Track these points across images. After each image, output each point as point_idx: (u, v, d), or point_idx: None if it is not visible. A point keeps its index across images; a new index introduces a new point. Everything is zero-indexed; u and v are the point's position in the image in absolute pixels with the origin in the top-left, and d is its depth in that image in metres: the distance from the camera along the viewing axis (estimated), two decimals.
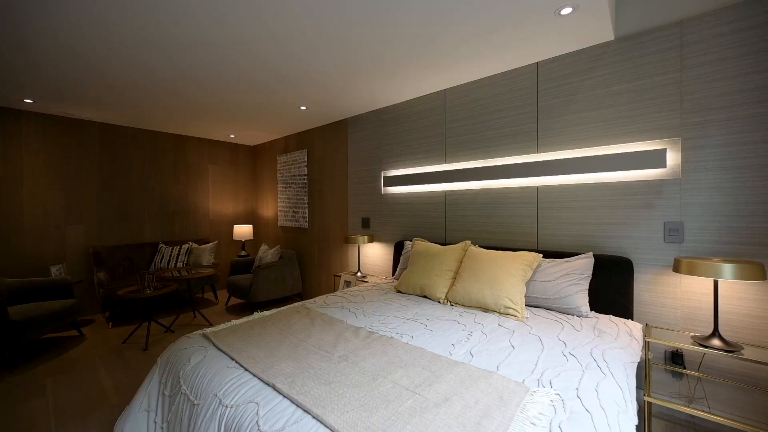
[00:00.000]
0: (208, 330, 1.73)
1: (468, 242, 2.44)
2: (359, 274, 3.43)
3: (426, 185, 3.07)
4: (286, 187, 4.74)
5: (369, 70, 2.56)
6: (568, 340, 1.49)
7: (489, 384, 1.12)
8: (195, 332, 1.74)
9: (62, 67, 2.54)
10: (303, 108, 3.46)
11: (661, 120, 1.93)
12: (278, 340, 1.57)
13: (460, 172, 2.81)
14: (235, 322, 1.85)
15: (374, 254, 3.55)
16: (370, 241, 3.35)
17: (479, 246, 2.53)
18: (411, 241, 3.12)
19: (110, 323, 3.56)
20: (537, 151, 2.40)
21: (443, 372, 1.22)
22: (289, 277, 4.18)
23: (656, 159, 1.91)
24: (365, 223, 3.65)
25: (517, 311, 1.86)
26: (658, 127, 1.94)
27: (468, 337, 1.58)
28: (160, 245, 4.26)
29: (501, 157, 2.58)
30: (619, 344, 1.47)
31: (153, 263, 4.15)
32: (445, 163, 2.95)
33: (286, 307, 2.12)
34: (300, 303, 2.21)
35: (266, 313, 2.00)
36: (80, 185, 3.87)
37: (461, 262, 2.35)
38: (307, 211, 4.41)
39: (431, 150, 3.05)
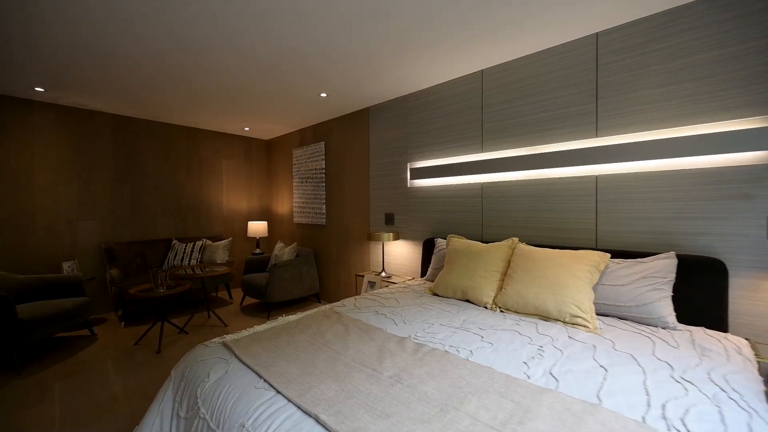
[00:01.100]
0: (229, 338, 1.49)
1: (515, 239, 2.16)
2: (383, 274, 3.18)
3: (459, 177, 2.79)
4: (302, 182, 4.51)
5: (397, 51, 2.30)
6: (671, 360, 1.20)
7: (601, 423, 0.85)
8: (213, 340, 1.51)
9: (72, 53, 2.42)
10: (323, 95, 3.22)
11: (757, 94, 1.62)
12: (311, 353, 1.32)
13: (500, 162, 2.53)
14: (258, 328, 1.62)
15: (399, 253, 3.29)
16: (396, 238, 3.09)
17: (526, 244, 2.24)
18: (442, 238, 2.85)
19: (122, 322, 3.39)
20: (596, 135, 2.10)
21: (529, 402, 0.95)
22: (306, 276, 3.95)
23: (757, 139, 1.59)
24: (389, 220, 3.39)
25: (587, 321, 1.58)
26: (752, 103, 1.63)
27: (539, 353, 1.30)
28: (174, 242, 4.09)
29: (551, 143, 2.29)
30: (734, 366, 1.18)
31: (166, 260, 3.97)
32: (482, 152, 2.66)
33: (313, 310, 1.88)
34: (328, 306, 1.97)
35: (291, 318, 1.76)
36: (93, 179, 3.71)
37: (509, 261, 2.07)
38: (324, 206, 4.18)
39: (465, 138, 2.77)
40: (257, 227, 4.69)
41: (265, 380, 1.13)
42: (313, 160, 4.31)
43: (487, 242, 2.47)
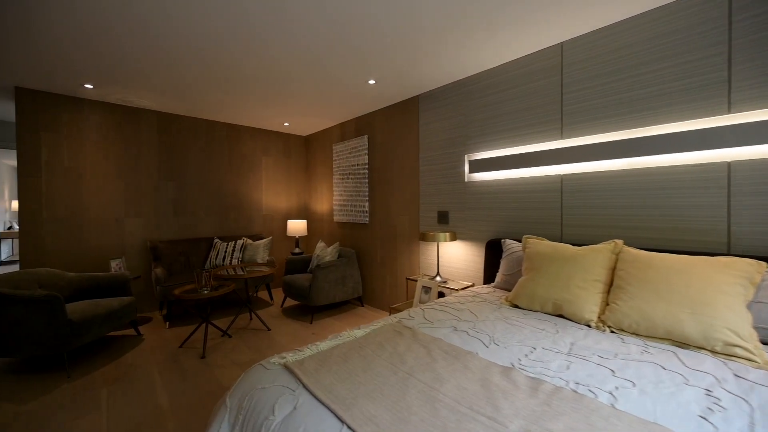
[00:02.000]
0: (290, 358, 1.25)
1: (618, 242, 1.76)
2: (439, 278, 2.86)
3: (531, 169, 2.42)
4: (342, 179, 4.30)
5: (455, 26, 1.98)
6: None
7: None
8: (271, 359, 1.27)
9: (120, 50, 2.38)
10: (371, 82, 2.95)
11: None
12: (397, 386, 1.04)
13: (586, 149, 2.13)
14: (321, 346, 1.36)
15: (455, 255, 2.96)
16: (453, 239, 2.77)
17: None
18: (514, 239, 2.49)
19: (167, 323, 3.33)
20: (729, 111, 1.66)
21: None
22: (349, 278, 3.72)
23: None
24: (442, 218, 3.07)
25: (751, 352, 1.18)
26: None
27: (714, 402, 0.94)
28: (215, 240, 4.01)
29: (660, 123, 1.87)
30: None
31: (208, 259, 3.90)
32: (562, 138, 2.27)
33: (379, 324, 1.60)
34: (394, 319, 1.69)
35: (357, 333, 1.49)
36: (139, 176, 3.70)
37: (613, 269, 1.69)
38: (367, 204, 3.93)
39: (538, 123, 2.39)
40: (297, 226, 4.54)
41: (348, 426, 0.87)
42: (355, 155, 4.07)
43: (569, 244, 2.09)
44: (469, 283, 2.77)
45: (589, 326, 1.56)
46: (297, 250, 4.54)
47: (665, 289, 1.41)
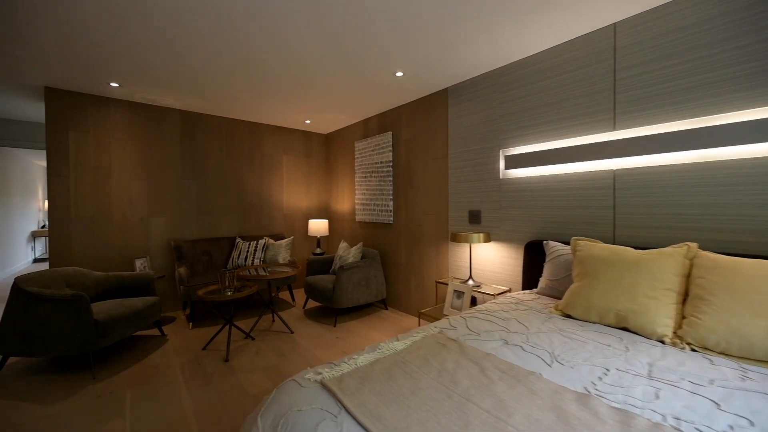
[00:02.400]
0: (327, 374, 1.12)
1: (692, 245, 1.54)
2: (471, 282, 2.68)
3: (577, 164, 2.21)
4: (365, 177, 4.17)
5: (492, 9, 1.80)
6: None
7: None
8: (306, 374, 1.14)
9: (144, 47, 2.36)
10: (399, 74, 2.80)
11: None
12: (454, 413, 0.89)
13: (645, 141, 1.91)
14: (359, 359, 1.22)
15: (489, 257, 2.77)
16: (487, 240, 2.58)
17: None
18: (559, 242, 2.28)
19: (190, 323, 3.29)
20: None
21: None
22: (373, 280, 3.58)
23: None
24: (474, 218, 2.88)
25: None
26: None
27: None
28: (237, 240, 3.97)
29: (729, 111, 1.63)
30: None
31: (230, 259, 3.85)
32: (615, 129, 2.05)
33: (419, 335, 1.45)
34: (435, 329, 1.53)
35: (397, 345, 1.35)
36: (162, 176, 3.69)
37: (687, 276, 1.47)
38: (391, 203, 3.78)
39: (585, 114, 2.18)
40: (318, 226, 4.44)
41: None
42: (379, 152, 3.93)
43: (626, 247, 1.87)
44: (505, 288, 2.58)
45: (662, 342, 1.35)
46: (318, 251, 4.44)
47: (763, 301, 1.19)
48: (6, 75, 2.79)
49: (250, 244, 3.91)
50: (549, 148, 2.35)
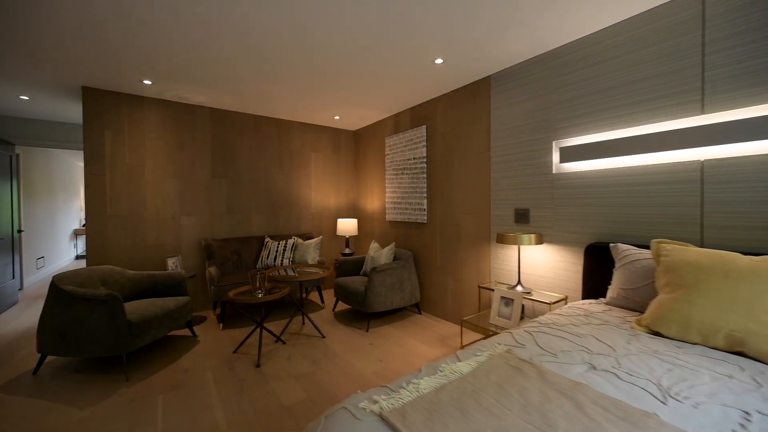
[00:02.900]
0: (385, 404, 0.93)
1: None
2: (520, 288, 2.43)
3: (652, 155, 1.91)
4: (396, 174, 3.97)
5: None
6: None
7: None
8: (360, 401, 0.96)
9: (175, 42, 2.29)
10: (439, 61, 2.59)
11: None
12: None
13: (742, 125, 1.59)
14: (420, 384, 1.03)
15: (540, 261, 2.51)
16: (538, 242, 2.32)
17: None
18: (621, 243, 1.99)
19: (221, 324, 3.22)
20: None
21: None
22: (407, 282, 3.39)
23: None
24: (521, 217, 2.62)
25: None
26: None
27: None
28: (267, 239, 3.89)
29: None
30: None
31: (260, 259, 3.78)
32: (702, 113, 1.74)
33: (483, 354, 1.23)
34: (500, 346, 1.31)
35: (462, 367, 1.14)
36: (193, 174, 3.67)
37: None
38: (425, 201, 3.57)
39: (665, 96, 1.87)
40: (347, 225, 4.30)
41: None
42: (411, 147, 3.73)
43: (730, 252, 1.56)
44: (560, 296, 2.30)
45: None
46: (347, 251, 4.30)
47: None
48: (47, 76, 2.82)
49: (279, 244, 3.82)
50: (615, 137, 2.06)
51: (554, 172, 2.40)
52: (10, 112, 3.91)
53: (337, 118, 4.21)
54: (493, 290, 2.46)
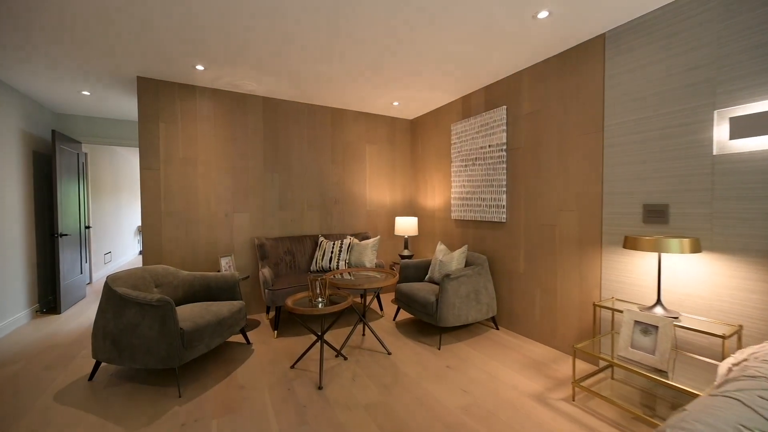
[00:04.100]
0: None
1: None
2: (660, 310, 1.80)
3: None
4: (465, 166, 3.45)
5: None
6: None
7: None
8: None
9: (227, 23, 2.07)
10: (543, 15, 2.03)
11: None
12: None
13: None
14: None
15: (689, 274, 1.86)
16: (693, 249, 1.68)
17: None
18: None
19: (275, 331, 2.94)
20: None
21: None
22: (483, 293, 2.86)
23: None
24: (655, 215, 1.98)
25: None
26: None
27: None
28: (321, 239, 3.57)
29: None
30: None
31: (314, 260, 3.46)
32: None
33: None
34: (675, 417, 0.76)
35: None
36: (246, 168, 3.44)
37: None
38: (504, 196, 3.00)
39: None
40: (406, 224, 3.85)
41: None
42: (486, 133, 3.18)
43: None
44: (733, 326, 1.65)
45: None
46: (406, 252, 3.86)
47: None
48: (104, 67, 2.70)
49: (334, 244, 3.48)
50: None
51: (716, 152, 1.74)
52: (75, 110, 3.98)
53: (396, 104, 3.77)
54: (619, 311, 1.86)
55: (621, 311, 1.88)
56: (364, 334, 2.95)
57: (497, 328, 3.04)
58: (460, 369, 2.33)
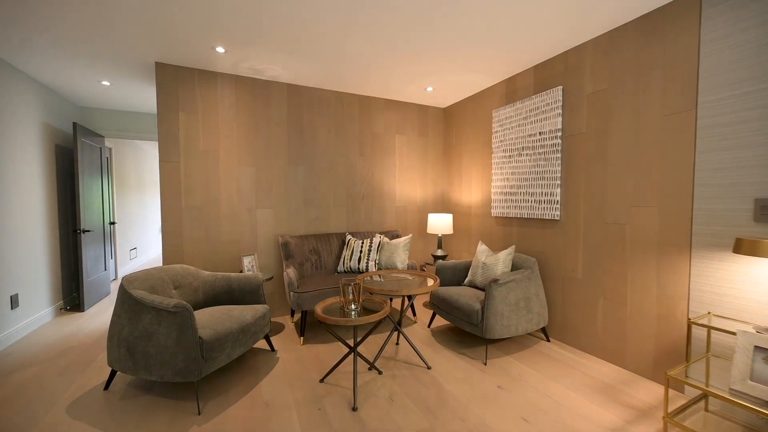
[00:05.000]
0: None
1: None
2: None
3: None
4: (509, 157, 3.08)
5: None
6: None
7: None
8: None
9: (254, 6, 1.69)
10: None
11: None
12: None
13: None
14: None
15: None
16: None
17: None
18: None
19: (301, 337, 2.70)
20: None
21: None
22: (534, 300, 2.51)
23: None
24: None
25: None
26: None
27: None
28: (348, 237, 3.30)
29: None
30: None
31: (341, 260, 3.20)
32: None
33: None
34: None
35: None
36: (269, 160, 3.21)
37: None
38: (558, 191, 2.63)
39: None
40: (440, 222, 3.53)
41: None
42: (536, 119, 2.80)
43: None
44: None
45: None
46: (439, 253, 3.54)
47: None
48: (122, 51, 2.51)
49: (363, 243, 3.20)
50: None
51: None
52: (97, 102, 3.88)
53: (429, 89, 3.44)
54: (729, 332, 1.47)
55: (733, 332, 1.49)
56: (398, 343, 2.66)
57: (548, 340, 2.67)
58: (514, 390, 2.00)
